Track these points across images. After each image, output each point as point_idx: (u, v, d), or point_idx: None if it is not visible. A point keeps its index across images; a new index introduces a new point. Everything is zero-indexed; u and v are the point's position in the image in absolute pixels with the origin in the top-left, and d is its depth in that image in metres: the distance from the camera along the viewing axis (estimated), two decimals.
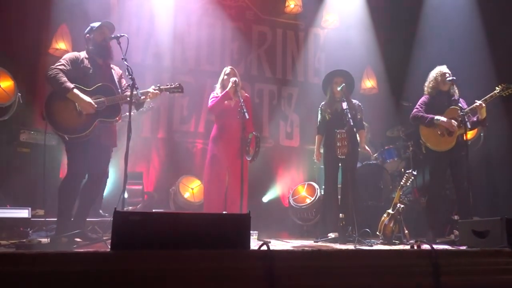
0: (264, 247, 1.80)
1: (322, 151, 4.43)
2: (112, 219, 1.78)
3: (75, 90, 3.17)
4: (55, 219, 3.30)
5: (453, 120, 4.04)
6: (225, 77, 4.17)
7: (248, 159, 3.81)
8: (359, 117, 4.31)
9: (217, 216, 2.24)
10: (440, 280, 1.87)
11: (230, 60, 6.22)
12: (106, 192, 4.45)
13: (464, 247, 2.64)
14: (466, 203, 3.96)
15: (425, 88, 4.31)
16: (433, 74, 4.27)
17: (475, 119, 4.04)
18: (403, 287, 1.88)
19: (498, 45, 5.65)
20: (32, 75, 5.22)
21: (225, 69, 4.27)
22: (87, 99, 3.21)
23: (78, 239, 3.18)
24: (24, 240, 3.02)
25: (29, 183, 4.29)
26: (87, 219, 3.51)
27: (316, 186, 5.13)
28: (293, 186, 5.65)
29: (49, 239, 3.07)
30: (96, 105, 3.22)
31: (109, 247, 1.77)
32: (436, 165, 4.22)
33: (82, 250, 2.64)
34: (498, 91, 3.92)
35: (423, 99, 4.32)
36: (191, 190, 5.28)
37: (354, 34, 6.52)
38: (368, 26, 6.57)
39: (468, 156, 4.07)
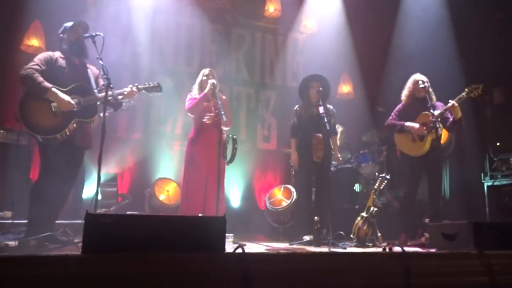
0: (239, 250, 1.80)
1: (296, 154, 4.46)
2: (83, 221, 1.74)
3: (54, 89, 3.11)
4: (24, 221, 3.21)
5: (420, 126, 4.12)
6: (204, 78, 4.16)
7: (225, 161, 3.81)
8: (332, 121, 4.38)
9: (192, 219, 2.23)
10: (411, 282, 1.92)
11: (208, 62, 6.20)
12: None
13: (433, 250, 2.71)
14: (437, 206, 4.07)
15: (402, 96, 4.41)
16: (408, 82, 4.37)
17: (451, 119, 4.11)
18: None
19: (469, 50, 5.87)
20: (2, 72, 5.06)
21: (203, 70, 4.26)
22: (66, 97, 3.15)
23: (47, 242, 3.10)
24: None
25: None
26: (58, 222, 3.42)
27: (292, 189, 5.17)
28: (270, 189, 5.67)
29: (17, 242, 2.98)
30: (75, 104, 3.16)
31: (81, 250, 1.73)
32: (409, 170, 4.31)
33: (52, 253, 2.58)
34: (466, 92, 4.00)
35: (398, 106, 4.41)
36: (167, 192, 5.23)
37: (332, 39, 6.61)
38: (346, 32, 6.69)
39: (441, 161, 4.20)
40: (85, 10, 5.57)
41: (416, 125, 4.15)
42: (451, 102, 4.00)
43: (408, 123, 4.20)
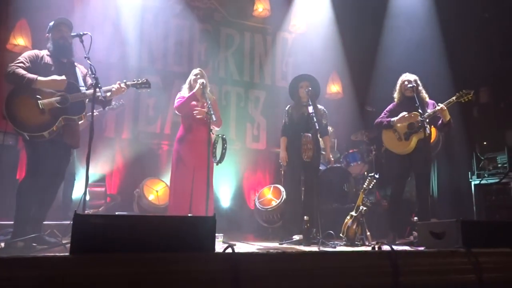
0: (229, 250, 1.79)
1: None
2: (72, 222, 1.72)
3: (40, 78, 3.08)
4: (11, 222, 3.16)
5: (406, 114, 4.18)
6: (193, 77, 4.15)
7: (215, 161, 3.79)
8: (324, 122, 4.40)
9: (181, 219, 2.22)
10: (400, 280, 1.93)
11: (197, 62, 6.19)
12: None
13: (422, 248, 2.74)
14: (425, 205, 4.12)
15: (393, 96, 4.45)
16: (397, 82, 4.41)
17: (440, 122, 4.17)
18: (364, 287, 1.93)
19: (456, 49, 5.95)
20: None
21: (193, 70, 4.25)
22: (57, 77, 3.12)
23: (35, 244, 3.05)
24: None
25: None
26: (45, 222, 3.38)
27: (282, 189, 5.18)
28: (259, 188, 5.67)
29: (4, 244, 2.94)
30: (65, 78, 3.13)
31: (69, 251, 1.71)
32: (397, 169, 4.35)
33: (39, 254, 2.54)
34: (456, 97, 4.05)
35: (390, 106, 4.45)
36: (156, 192, 5.19)
37: (321, 39, 6.65)
38: (334, 32, 6.72)
39: (429, 160, 4.24)
40: (72, 8, 5.51)
41: (402, 114, 4.19)
42: (440, 105, 4.05)
43: (393, 118, 4.25)
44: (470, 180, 5.18)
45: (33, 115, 3.07)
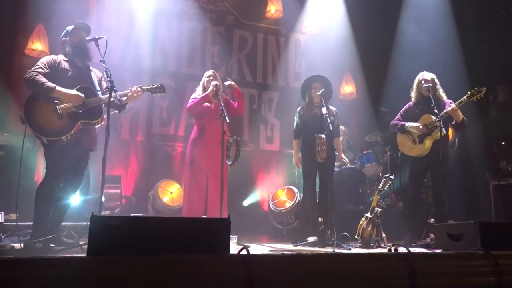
0: (244, 252, 1.79)
1: (300, 155, 4.45)
2: (88, 223, 1.74)
3: (58, 88, 3.13)
4: (29, 223, 3.21)
5: (420, 125, 4.14)
6: (207, 79, 4.17)
7: (229, 163, 3.80)
8: (336, 123, 4.37)
9: (196, 221, 2.23)
10: (417, 282, 1.91)
11: (210, 64, 6.22)
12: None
13: (439, 250, 2.70)
14: (442, 207, 4.05)
15: (411, 94, 4.39)
16: (414, 81, 4.35)
17: (454, 122, 4.11)
18: None
19: (473, 48, 5.85)
20: (7, 76, 5.09)
21: (206, 72, 4.28)
22: (73, 92, 3.17)
23: (53, 245, 3.10)
24: None
25: (3, 186, 4.18)
26: (63, 224, 3.43)
27: (296, 190, 5.16)
28: (273, 190, 5.66)
29: (22, 245, 2.99)
30: (83, 95, 3.17)
31: (86, 252, 1.73)
32: (413, 170, 4.30)
33: (57, 255, 2.58)
34: (468, 96, 3.97)
35: (405, 106, 4.40)
36: (170, 194, 5.23)
37: (334, 40, 6.61)
38: (348, 32, 6.68)
39: (446, 160, 4.18)
40: (87, 13, 5.59)
41: (416, 124, 4.15)
42: (452, 105, 3.99)
43: (408, 123, 4.21)
44: (488, 180, 5.08)
45: (52, 119, 3.12)
